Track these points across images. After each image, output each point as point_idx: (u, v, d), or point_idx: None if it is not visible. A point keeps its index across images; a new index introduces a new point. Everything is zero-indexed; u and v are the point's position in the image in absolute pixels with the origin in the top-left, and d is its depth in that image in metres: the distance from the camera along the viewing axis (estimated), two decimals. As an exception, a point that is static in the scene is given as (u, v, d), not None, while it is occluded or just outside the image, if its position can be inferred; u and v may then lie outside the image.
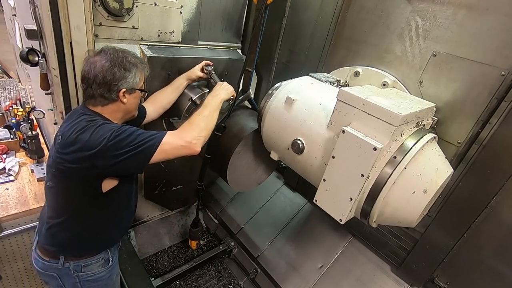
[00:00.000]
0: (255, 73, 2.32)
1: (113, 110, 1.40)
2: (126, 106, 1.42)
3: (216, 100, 1.60)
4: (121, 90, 1.35)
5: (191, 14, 2.11)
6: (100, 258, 1.55)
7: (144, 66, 1.47)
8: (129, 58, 1.38)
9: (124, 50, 1.40)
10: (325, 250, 2.28)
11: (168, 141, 1.29)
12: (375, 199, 1.20)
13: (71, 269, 1.48)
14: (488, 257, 1.57)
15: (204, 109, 1.51)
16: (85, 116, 1.31)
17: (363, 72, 1.77)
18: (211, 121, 1.49)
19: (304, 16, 2.12)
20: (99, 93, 1.33)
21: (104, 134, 1.21)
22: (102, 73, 1.30)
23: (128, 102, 1.41)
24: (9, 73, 6.03)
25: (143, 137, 1.26)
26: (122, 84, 1.35)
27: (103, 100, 1.36)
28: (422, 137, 1.21)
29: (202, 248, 2.90)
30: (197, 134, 1.36)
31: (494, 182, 1.46)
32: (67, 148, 1.24)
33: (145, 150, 1.25)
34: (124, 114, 1.47)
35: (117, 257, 1.71)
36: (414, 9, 1.55)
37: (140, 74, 1.44)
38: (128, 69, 1.36)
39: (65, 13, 1.51)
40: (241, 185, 2.03)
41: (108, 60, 1.32)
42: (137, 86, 1.43)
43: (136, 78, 1.41)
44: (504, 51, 1.33)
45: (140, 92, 1.47)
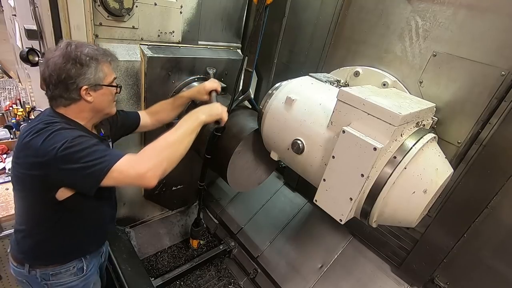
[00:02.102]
0: (255, 73, 2.32)
1: (78, 111, 1.26)
2: (93, 105, 1.27)
3: (193, 122, 1.37)
4: (81, 88, 1.20)
5: (191, 14, 2.11)
6: (71, 267, 1.45)
7: (108, 58, 1.29)
8: (86, 51, 1.21)
9: (79, 44, 1.23)
10: (325, 250, 2.27)
11: (120, 168, 1.12)
12: (375, 199, 1.20)
13: (38, 277, 1.39)
14: (488, 257, 1.57)
15: (175, 131, 1.28)
16: (46, 118, 1.20)
17: (363, 72, 1.77)
18: (179, 149, 1.26)
19: (304, 16, 2.12)
20: (58, 93, 1.20)
21: (56, 143, 1.09)
22: (55, 72, 1.16)
23: (95, 101, 1.26)
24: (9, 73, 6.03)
25: (94, 156, 1.11)
26: (80, 81, 1.19)
27: (63, 101, 1.22)
28: (422, 137, 1.21)
29: (202, 248, 2.90)
30: (154, 165, 1.14)
31: (494, 182, 1.46)
32: (19, 152, 1.16)
33: (93, 173, 1.10)
34: (95, 114, 1.32)
35: (95, 265, 1.60)
36: (414, 9, 1.55)
37: (106, 68, 1.28)
38: (86, 64, 1.20)
39: (65, 13, 1.51)
40: (241, 185, 2.03)
41: (60, 56, 1.17)
42: (103, 82, 1.27)
43: (99, 72, 1.24)
44: (504, 51, 1.33)
45: (110, 88, 1.31)
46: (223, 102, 2.01)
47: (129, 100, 2.04)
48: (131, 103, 2.06)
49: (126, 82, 1.97)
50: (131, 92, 2.02)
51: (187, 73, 2.18)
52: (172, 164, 1.23)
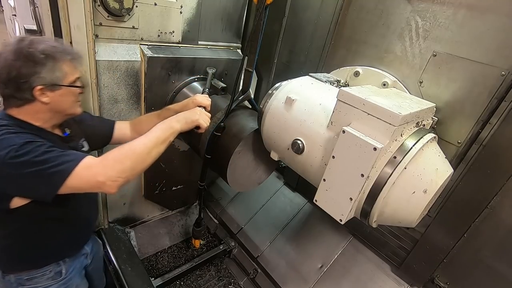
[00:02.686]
0: (255, 73, 2.32)
1: (33, 112, 1.15)
2: (50, 106, 1.16)
3: (165, 131, 1.26)
4: (35, 87, 1.09)
5: (191, 14, 2.11)
6: (47, 271, 1.37)
7: (68, 56, 1.17)
8: (41, 47, 1.09)
9: (35, 39, 1.12)
10: (325, 250, 2.27)
11: (79, 174, 1.04)
12: (375, 199, 1.20)
13: (13, 282, 1.33)
14: (488, 257, 1.57)
15: (144, 139, 1.18)
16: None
17: (363, 72, 1.77)
18: (146, 160, 1.16)
19: (304, 16, 2.12)
20: (8, 93, 1.10)
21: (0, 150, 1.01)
22: (5, 69, 1.06)
23: (53, 102, 1.15)
24: (9, 73, 6.00)
25: (48, 164, 1.01)
26: (34, 80, 1.08)
27: (16, 101, 1.12)
28: (422, 137, 1.21)
29: (202, 248, 2.90)
30: (116, 174, 1.07)
31: (494, 182, 1.46)
32: None
33: (49, 181, 1.02)
34: (54, 114, 1.21)
35: (77, 268, 1.52)
36: (414, 9, 1.55)
37: (67, 67, 1.16)
38: (40, 62, 1.09)
39: (65, 13, 1.51)
40: (241, 185, 2.03)
41: (11, 52, 1.06)
42: (62, 82, 1.15)
43: (57, 72, 1.13)
44: (504, 51, 1.33)
45: (72, 89, 1.19)
46: (223, 102, 2.02)
47: (129, 100, 2.04)
48: (131, 103, 2.06)
49: (126, 82, 1.97)
50: (131, 92, 2.02)
51: (187, 73, 2.18)
52: (137, 174, 1.15)
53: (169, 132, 1.28)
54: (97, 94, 1.84)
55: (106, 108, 1.95)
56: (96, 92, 1.81)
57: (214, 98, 2.11)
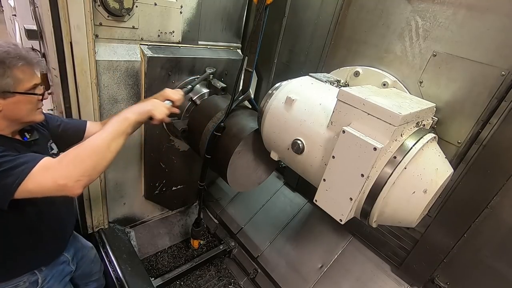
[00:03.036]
0: (255, 73, 2.32)
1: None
2: (4, 114, 1.11)
3: (121, 123, 1.17)
4: None
5: (191, 14, 2.11)
6: (21, 282, 1.32)
7: (20, 62, 1.10)
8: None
9: None
10: (325, 250, 2.27)
11: (35, 179, 0.98)
12: (375, 199, 1.20)
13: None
14: (488, 257, 1.57)
15: (101, 134, 1.10)
16: None
17: (363, 72, 1.77)
18: (106, 156, 1.09)
19: (304, 16, 2.12)
20: None
21: None
22: None
23: (6, 109, 1.10)
24: (9, 73, 6.00)
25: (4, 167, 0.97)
26: None
27: None
28: (422, 137, 1.21)
29: (202, 248, 2.90)
30: (78, 174, 1.00)
31: (494, 182, 1.46)
32: None
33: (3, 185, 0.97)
34: (10, 122, 1.16)
35: (56, 276, 1.46)
36: (414, 9, 1.55)
37: (21, 73, 1.10)
38: None
39: (65, 13, 1.51)
40: (241, 185, 2.03)
41: None
42: (15, 89, 1.09)
43: (7, 78, 1.07)
44: (504, 51, 1.33)
45: (27, 96, 1.13)
46: (223, 102, 2.02)
47: (129, 100, 2.04)
48: (131, 103, 2.06)
49: (126, 82, 1.97)
50: (131, 92, 2.02)
51: (187, 73, 2.18)
52: (100, 172, 1.08)
53: (126, 124, 1.18)
54: (97, 94, 1.83)
55: (106, 108, 1.95)
56: (96, 92, 1.81)
57: (214, 98, 2.12)
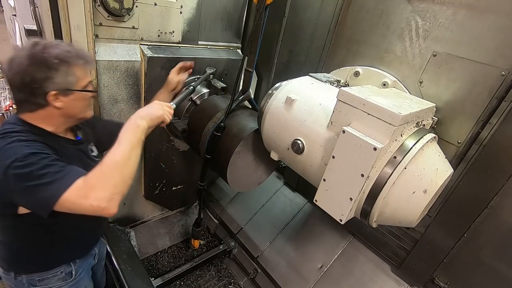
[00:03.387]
0: (255, 73, 2.32)
1: (46, 116, 1.15)
2: (63, 111, 1.15)
3: (135, 133, 1.18)
4: (48, 93, 1.08)
5: (191, 14, 2.11)
6: (58, 272, 1.39)
7: (81, 61, 1.16)
8: (55, 52, 1.09)
9: (49, 44, 1.11)
10: (325, 250, 2.27)
11: (70, 199, 1.00)
12: (375, 199, 1.20)
13: (24, 282, 1.34)
14: (488, 257, 1.57)
15: (118, 147, 1.12)
16: (5, 127, 1.10)
17: (363, 72, 1.77)
18: (129, 166, 1.10)
19: (304, 16, 2.12)
20: (22, 97, 1.10)
21: (4, 159, 1.00)
22: (19, 74, 1.05)
23: (66, 107, 1.14)
24: (9, 73, 6.00)
25: (43, 180, 0.99)
26: (48, 86, 1.08)
27: (29, 106, 1.11)
28: (422, 137, 1.21)
29: (202, 248, 2.90)
30: (109, 194, 1.02)
31: (494, 182, 1.46)
32: None
33: (41, 200, 1.00)
34: (66, 119, 1.21)
35: (86, 269, 1.54)
36: (414, 9, 1.55)
37: (80, 71, 1.16)
38: (54, 67, 1.08)
39: (65, 13, 1.51)
40: (241, 185, 2.03)
41: (26, 57, 1.05)
42: (75, 86, 1.15)
43: (70, 77, 1.12)
44: (504, 51, 1.33)
45: (84, 93, 1.19)
46: (223, 102, 2.02)
47: (129, 100, 2.04)
48: (131, 103, 2.06)
49: (126, 82, 1.97)
50: (131, 92, 2.02)
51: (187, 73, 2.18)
52: (128, 185, 1.09)
53: (139, 132, 1.19)
54: (97, 94, 1.84)
55: (106, 108, 1.95)
56: (96, 92, 1.82)
57: (214, 98, 2.11)
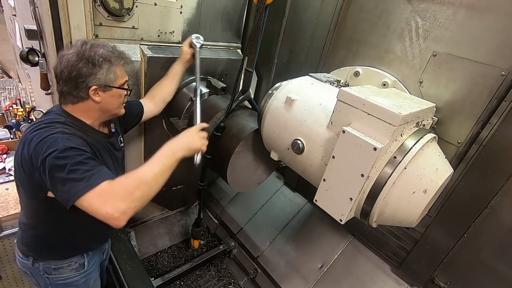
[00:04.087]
0: (255, 73, 2.32)
1: (85, 109, 1.28)
2: (101, 105, 1.29)
3: (170, 159, 1.26)
4: (90, 87, 1.22)
5: (191, 14, 2.11)
6: (73, 262, 1.46)
7: (121, 61, 1.32)
8: (101, 52, 1.23)
9: (96, 44, 1.25)
10: (325, 250, 2.27)
11: (90, 200, 1.06)
12: (375, 199, 1.20)
13: (40, 270, 1.42)
14: (488, 257, 1.57)
15: (151, 167, 1.19)
16: (51, 117, 1.23)
17: (363, 72, 1.77)
18: (154, 188, 1.17)
19: (304, 16, 2.12)
20: (67, 90, 1.23)
21: (47, 148, 1.08)
22: (67, 68, 1.19)
23: (103, 101, 1.28)
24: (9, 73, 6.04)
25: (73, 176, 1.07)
26: (90, 81, 1.21)
27: (72, 98, 1.25)
28: (422, 137, 1.21)
29: (202, 248, 2.90)
30: (125, 206, 1.06)
31: (494, 182, 1.46)
32: (20, 144, 1.18)
33: (65, 194, 1.08)
34: (102, 113, 1.34)
35: (97, 263, 1.61)
36: (414, 9, 1.55)
37: (119, 70, 1.30)
38: (98, 65, 1.22)
39: (65, 13, 1.51)
40: (241, 185, 2.03)
41: (74, 54, 1.20)
42: (113, 83, 1.29)
43: (111, 74, 1.26)
44: (504, 51, 1.33)
45: (120, 90, 1.34)
46: (223, 102, 2.02)
47: (129, 100, 2.04)
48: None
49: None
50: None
51: (187, 73, 2.17)
52: (145, 203, 1.14)
53: (173, 160, 1.28)
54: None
55: (106, 108, 1.95)
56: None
57: (214, 98, 2.11)
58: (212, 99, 2.11)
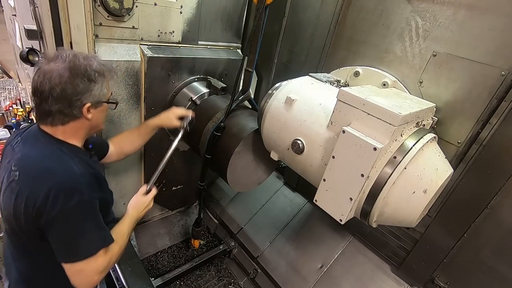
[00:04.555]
0: (255, 73, 2.32)
1: (75, 129, 1.17)
2: (91, 123, 1.19)
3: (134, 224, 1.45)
4: (85, 105, 1.12)
5: (191, 14, 2.11)
6: None
7: (112, 75, 1.24)
8: (94, 65, 1.13)
9: (87, 56, 1.15)
10: (325, 250, 2.27)
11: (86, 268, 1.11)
12: (375, 199, 1.20)
13: None
14: (488, 257, 1.57)
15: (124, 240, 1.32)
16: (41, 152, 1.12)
17: (363, 72, 1.77)
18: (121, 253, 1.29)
19: (304, 16, 2.12)
20: (57, 109, 1.08)
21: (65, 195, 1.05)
22: (60, 85, 1.05)
23: (94, 118, 1.18)
24: (9, 73, 6.04)
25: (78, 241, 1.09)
26: (86, 97, 1.12)
27: (63, 118, 1.11)
28: (422, 137, 1.21)
29: (202, 248, 2.90)
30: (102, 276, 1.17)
31: (494, 182, 1.46)
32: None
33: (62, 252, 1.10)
34: (89, 131, 1.25)
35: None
36: (414, 9, 1.55)
37: (108, 84, 1.22)
38: (94, 80, 1.13)
39: (65, 13, 1.51)
40: (241, 185, 2.03)
41: (67, 69, 1.07)
42: (105, 99, 1.21)
43: (104, 89, 1.18)
44: (504, 51, 1.33)
45: (109, 105, 1.26)
46: (223, 102, 2.02)
47: (129, 100, 2.04)
48: (131, 103, 2.06)
49: (126, 82, 1.97)
50: (131, 92, 2.02)
51: (187, 73, 2.18)
52: None
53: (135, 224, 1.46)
54: None
55: (106, 108, 1.95)
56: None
57: (214, 98, 2.12)
58: (212, 99, 2.11)
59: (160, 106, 2.14)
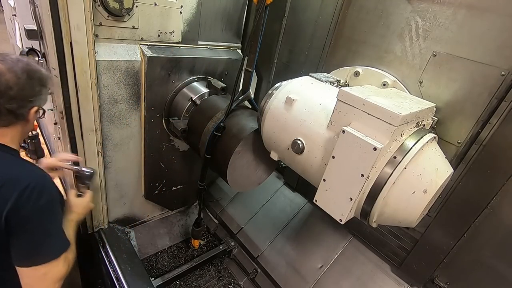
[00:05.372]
0: (255, 73, 2.32)
1: (17, 132, 1.16)
2: (28, 127, 1.20)
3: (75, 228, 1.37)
4: (33, 108, 1.14)
5: (191, 14, 2.11)
6: None
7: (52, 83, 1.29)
8: (44, 71, 1.17)
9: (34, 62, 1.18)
10: (325, 250, 2.27)
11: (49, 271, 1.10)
12: (375, 199, 1.20)
13: None
14: (488, 257, 1.57)
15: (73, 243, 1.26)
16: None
17: (363, 72, 1.77)
18: None
19: (304, 16, 2.12)
20: (8, 108, 1.06)
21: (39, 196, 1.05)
22: (18, 86, 1.06)
23: (30, 122, 1.19)
24: (9, 73, 6.00)
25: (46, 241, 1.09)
26: (37, 101, 1.14)
27: (10, 119, 1.10)
28: (422, 137, 1.21)
29: (202, 248, 2.90)
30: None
31: (494, 182, 1.46)
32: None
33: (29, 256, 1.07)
34: (23, 136, 1.23)
35: None
36: (414, 9, 1.55)
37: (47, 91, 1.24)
38: (45, 85, 1.17)
39: (65, 13, 1.51)
40: (241, 185, 2.03)
41: (24, 71, 1.08)
42: (44, 104, 1.22)
43: (46, 95, 1.21)
44: (504, 51, 1.33)
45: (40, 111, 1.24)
46: (223, 102, 2.02)
47: (129, 100, 2.04)
48: (131, 103, 2.06)
49: (126, 82, 1.97)
50: (131, 92, 2.02)
51: (187, 73, 2.18)
52: None
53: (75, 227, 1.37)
54: (97, 94, 1.83)
55: (106, 108, 1.95)
56: (96, 92, 1.81)
57: (214, 98, 2.12)
58: (212, 99, 2.11)
59: (160, 106, 2.14)
